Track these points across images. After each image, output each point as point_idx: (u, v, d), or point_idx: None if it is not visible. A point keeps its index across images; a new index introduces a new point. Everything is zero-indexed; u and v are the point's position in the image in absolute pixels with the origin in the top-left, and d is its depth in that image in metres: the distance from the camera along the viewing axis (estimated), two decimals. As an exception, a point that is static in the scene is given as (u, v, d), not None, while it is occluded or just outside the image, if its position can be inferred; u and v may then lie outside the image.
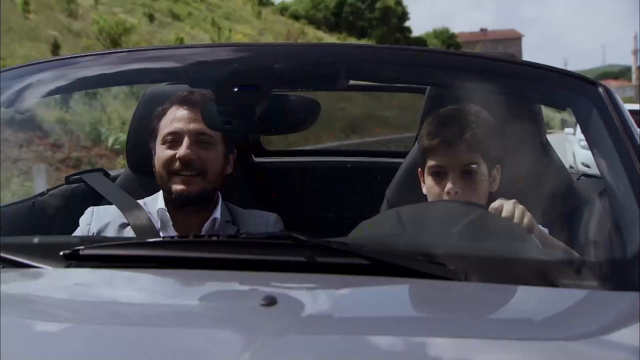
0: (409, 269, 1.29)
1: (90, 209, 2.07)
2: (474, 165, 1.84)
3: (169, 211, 2.03)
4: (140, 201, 2.07)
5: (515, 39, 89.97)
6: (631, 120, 1.62)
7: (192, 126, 2.00)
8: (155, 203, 2.06)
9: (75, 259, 1.35)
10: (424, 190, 1.91)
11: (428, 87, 2.29)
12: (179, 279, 1.34)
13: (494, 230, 1.61)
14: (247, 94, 1.69)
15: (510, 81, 1.72)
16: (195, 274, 1.33)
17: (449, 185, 1.83)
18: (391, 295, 1.32)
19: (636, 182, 1.46)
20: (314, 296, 1.27)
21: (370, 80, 2.61)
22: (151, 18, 22.49)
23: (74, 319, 1.18)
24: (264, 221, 2.11)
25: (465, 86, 1.86)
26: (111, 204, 2.09)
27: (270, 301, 1.12)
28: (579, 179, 2.29)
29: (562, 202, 1.91)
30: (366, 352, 1.04)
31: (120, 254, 1.38)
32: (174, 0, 26.68)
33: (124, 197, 2.10)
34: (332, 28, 49.47)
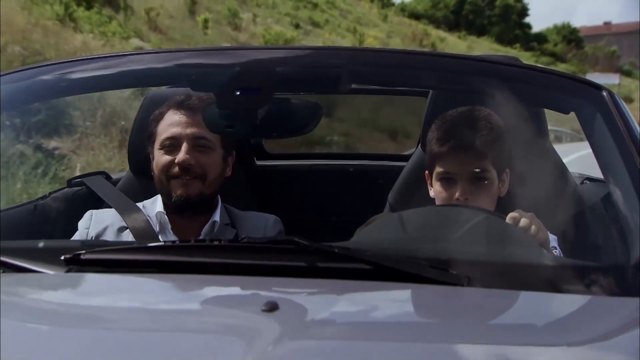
0: (412, 274, 1.28)
1: (89, 212, 2.07)
2: (484, 172, 1.82)
3: (167, 214, 2.03)
4: (139, 204, 2.07)
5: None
6: (635, 125, 1.61)
7: (190, 131, 1.99)
8: (154, 206, 2.06)
9: (76, 264, 1.35)
10: (432, 194, 1.90)
11: (431, 91, 2.29)
12: (180, 284, 1.33)
13: (496, 235, 1.60)
14: (249, 98, 1.68)
15: (513, 85, 1.71)
16: (197, 279, 1.32)
17: (458, 193, 1.82)
18: (393, 301, 1.31)
19: (639, 186, 1.45)
20: (315, 301, 1.26)
21: (373, 84, 2.61)
22: (297, 27, 25.49)
23: (75, 324, 1.17)
24: (262, 223, 2.10)
25: (468, 90, 1.86)
26: (111, 207, 2.09)
27: (272, 306, 1.11)
28: (582, 183, 2.28)
29: (566, 207, 1.91)
30: (368, 357, 1.03)
31: (121, 258, 1.37)
32: (311, 9, 28.95)
33: (124, 200, 2.10)
34: (451, 27, 49.70)
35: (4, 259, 1.37)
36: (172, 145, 1.99)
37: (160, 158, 2.00)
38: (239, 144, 2.24)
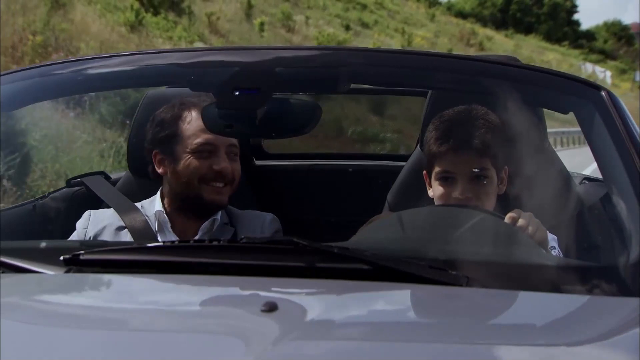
0: (411, 274, 1.28)
1: (87, 212, 2.07)
2: (484, 171, 1.82)
3: (167, 214, 2.03)
4: (137, 204, 2.07)
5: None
6: (634, 124, 1.61)
7: (226, 138, 2.01)
8: (152, 206, 2.06)
9: (75, 264, 1.35)
10: (430, 194, 1.89)
11: (429, 91, 2.29)
12: (179, 284, 1.33)
13: (496, 235, 1.60)
14: (249, 98, 1.68)
15: (512, 85, 1.71)
16: (196, 279, 1.32)
17: (458, 192, 1.81)
18: (392, 301, 1.31)
19: (638, 186, 1.45)
20: (314, 301, 1.27)
21: (372, 84, 2.61)
22: (347, 28, 26.57)
23: (74, 324, 1.17)
24: (260, 221, 2.11)
25: (467, 90, 1.86)
26: (110, 207, 2.09)
27: (271, 307, 1.11)
28: (581, 183, 2.28)
29: (565, 206, 1.91)
30: (367, 357, 1.03)
31: (120, 258, 1.37)
32: (360, 10, 29.90)
33: (123, 200, 2.10)
34: (498, 25, 49.64)
35: (3, 259, 1.37)
36: (207, 151, 2.00)
37: (192, 162, 2.00)
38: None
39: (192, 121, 2.02)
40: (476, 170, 1.82)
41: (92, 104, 8.92)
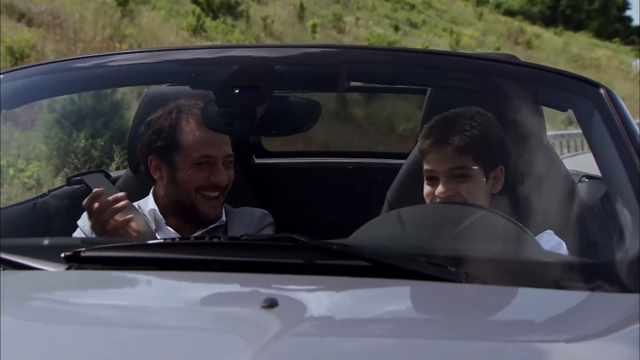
0: (410, 271, 1.29)
1: None
2: (463, 169, 1.83)
3: (161, 212, 2.05)
4: (134, 204, 2.08)
5: None
6: (633, 122, 1.61)
7: (224, 149, 2.04)
8: (146, 205, 2.08)
9: (76, 261, 1.35)
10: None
11: (429, 89, 2.29)
12: (180, 281, 1.34)
13: (495, 231, 1.60)
14: (248, 96, 1.69)
15: (511, 83, 1.72)
16: (196, 276, 1.33)
17: (439, 189, 1.82)
18: (392, 297, 1.31)
19: (637, 183, 1.46)
20: (314, 298, 1.27)
21: (371, 81, 2.62)
22: (396, 28, 27.41)
23: (75, 321, 1.18)
24: (249, 217, 2.14)
25: (466, 88, 1.86)
26: None
27: (271, 303, 1.11)
28: (580, 180, 2.29)
29: (564, 204, 1.91)
30: (367, 354, 1.04)
31: (121, 255, 1.38)
32: (409, 10, 30.27)
33: None
34: (547, 22, 49.26)
35: (4, 256, 1.38)
36: (207, 162, 2.02)
37: (192, 173, 2.01)
38: (238, 143, 2.26)
39: (191, 132, 2.03)
40: (456, 168, 1.83)
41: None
